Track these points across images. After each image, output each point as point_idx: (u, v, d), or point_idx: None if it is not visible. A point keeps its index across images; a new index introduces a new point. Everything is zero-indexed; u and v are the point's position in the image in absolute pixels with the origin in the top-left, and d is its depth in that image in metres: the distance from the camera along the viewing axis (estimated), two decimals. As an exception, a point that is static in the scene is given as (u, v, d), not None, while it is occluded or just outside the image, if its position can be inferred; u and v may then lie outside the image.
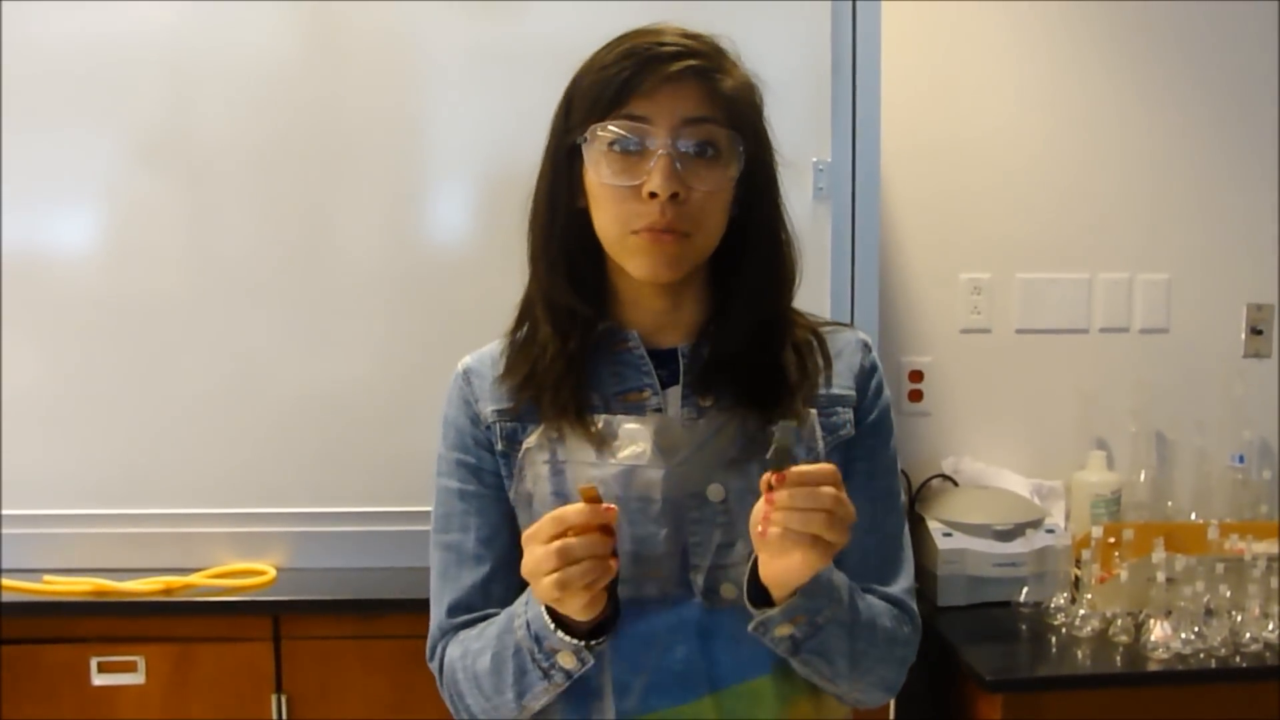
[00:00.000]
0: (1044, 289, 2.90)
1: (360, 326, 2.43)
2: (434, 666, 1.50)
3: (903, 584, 1.49)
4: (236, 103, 2.38)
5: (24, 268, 2.40)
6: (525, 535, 1.29)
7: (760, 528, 1.24)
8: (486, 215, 2.46)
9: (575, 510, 1.25)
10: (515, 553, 1.39)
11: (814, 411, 1.44)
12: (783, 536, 1.22)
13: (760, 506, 1.25)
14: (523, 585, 1.44)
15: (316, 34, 2.39)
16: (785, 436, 1.23)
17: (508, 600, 1.44)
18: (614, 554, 1.27)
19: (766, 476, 1.22)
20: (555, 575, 1.24)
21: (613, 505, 1.27)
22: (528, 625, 1.35)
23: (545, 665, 1.35)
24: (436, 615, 1.49)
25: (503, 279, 2.34)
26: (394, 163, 2.43)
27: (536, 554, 1.26)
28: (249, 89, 2.38)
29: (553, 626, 1.32)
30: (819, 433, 1.44)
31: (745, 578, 1.34)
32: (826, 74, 2.34)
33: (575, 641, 1.32)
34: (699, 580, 1.39)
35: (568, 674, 1.36)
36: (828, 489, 1.21)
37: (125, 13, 2.36)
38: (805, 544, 1.22)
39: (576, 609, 1.28)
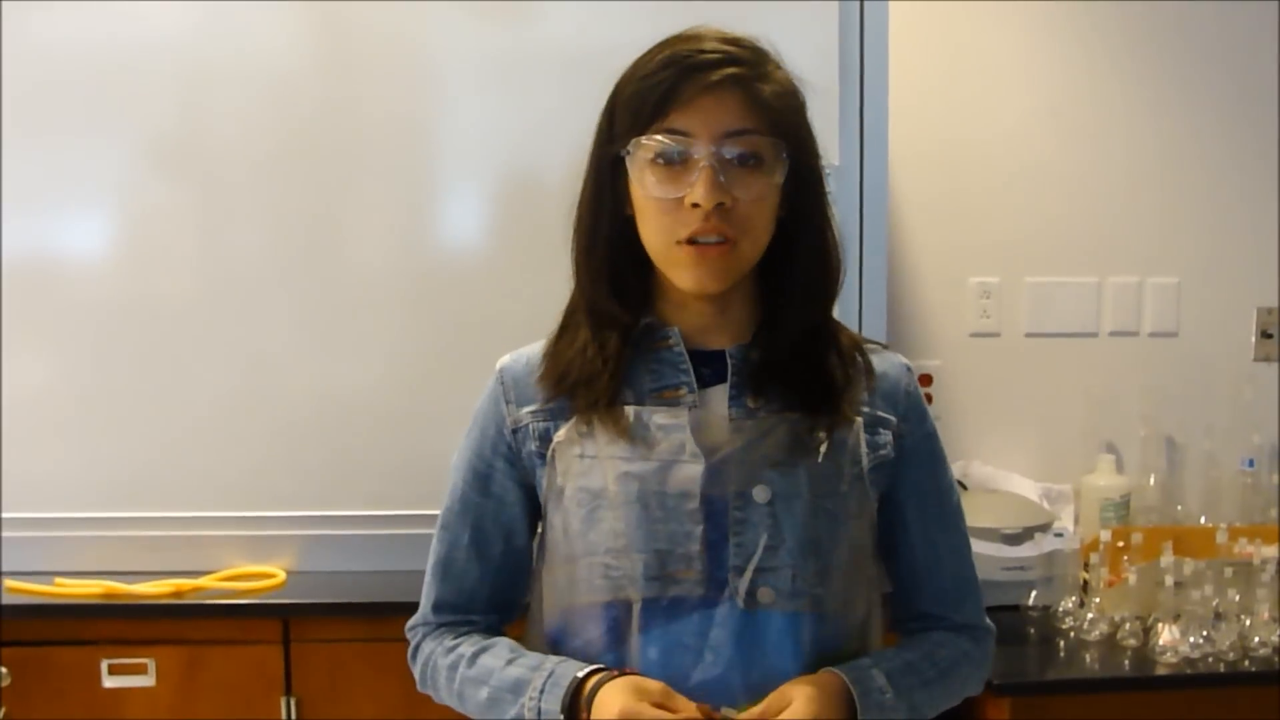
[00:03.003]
0: (1053, 292, 2.90)
1: (371, 331, 2.44)
2: (412, 640, 1.57)
3: (975, 607, 1.56)
4: (248, 108, 2.39)
5: (36, 273, 2.42)
6: (624, 710, 1.31)
7: None
8: (499, 220, 2.46)
9: None
10: (508, 559, 1.51)
11: (859, 420, 1.45)
12: None
13: None
14: (507, 590, 1.53)
15: (328, 39, 2.40)
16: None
17: (491, 603, 1.52)
18: None
19: None
20: None
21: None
22: (540, 714, 1.38)
23: None
24: (424, 604, 1.56)
25: (515, 283, 2.37)
26: (406, 167, 2.43)
27: None
28: (261, 94, 2.39)
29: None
30: (863, 444, 1.44)
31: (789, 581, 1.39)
32: (834, 77, 2.35)
33: None
34: (741, 582, 1.39)
35: None
36: None
37: (136, 18, 2.37)
38: None
39: None
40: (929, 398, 2.82)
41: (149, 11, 2.37)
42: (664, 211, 1.36)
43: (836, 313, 1.57)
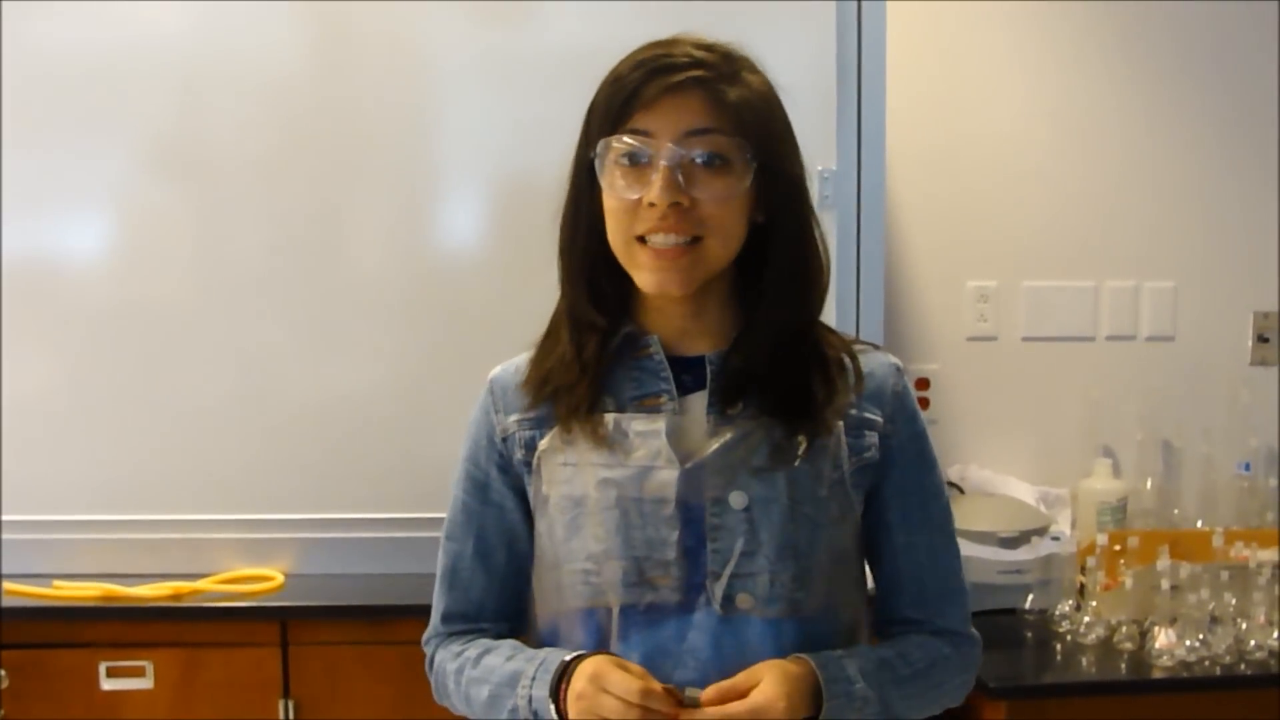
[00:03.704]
0: (1050, 296, 2.90)
1: (368, 333, 2.44)
2: (427, 654, 1.58)
3: (958, 613, 1.52)
4: (245, 109, 2.40)
5: (33, 274, 2.42)
6: (593, 675, 1.33)
7: None
8: (496, 220, 2.47)
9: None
10: (512, 565, 1.52)
11: (841, 424, 1.44)
12: None
13: None
14: (515, 597, 1.53)
15: (326, 39, 2.40)
16: (693, 697, 1.33)
17: (500, 612, 1.53)
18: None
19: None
20: None
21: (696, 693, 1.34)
22: (530, 701, 1.39)
23: None
24: (434, 616, 1.57)
25: (512, 285, 2.36)
26: (402, 168, 2.44)
27: (609, 704, 1.31)
28: (258, 95, 2.39)
29: (553, 713, 1.36)
30: (845, 451, 1.44)
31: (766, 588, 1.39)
32: (832, 80, 2.35)
33: None
34: (717, 588, 1.39)
35: None
36: None
37: (134, 19, 2.37)
38: None
39: None
40: (926, 402, 2.83)
41: (146, 13, 2.37)
42: (624, 212, 1.37)
43: (835, 317, 1.58)
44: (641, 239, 1.37)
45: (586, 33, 2.32)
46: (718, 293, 1.44)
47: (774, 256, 1.42)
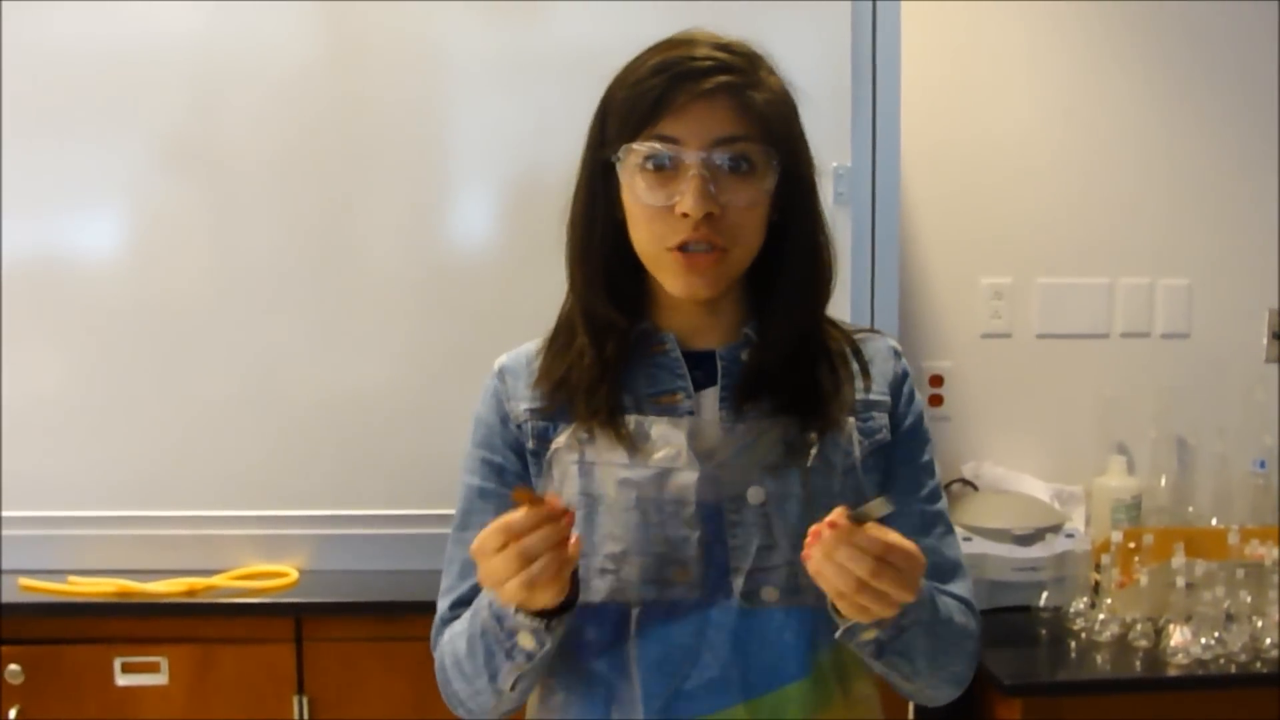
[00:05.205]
0: (1065, 293, 2.90)
1: (382, 329, 2.45)
2: (435, 655, 1.54)
3: (959, 584, 1.50)
4: (259, 107, 2.40)
5: (48, 271, 2.43)
6: (474, 548, 1.30)
7: (806, 550, 1.25)
8: (508, 218, 2.47)
9: (520, 517, 1.26)
10: None
11: (852, 420, 1.45)
12: (818, 575, 1.25)
13: (816, 527, 1.24)
14: None
15: (339, 38, 2.40)
16: (877, 509, 1.23)
17: None
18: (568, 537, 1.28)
19: (840, 512, 1.23)
20: (520, 577, 1.25)
21: (555, 495, 1.29)
22: (489, 605, 1.37)
23: (507, 645, 1.37)
24: (442, 607, 1.53)
25: (525, 281, 2.36)
26: (416, 166, 2.44)
27: (493, 564, 1.27)
28: (271, 93, 2.40)
29: (512, 608, 1.33)
30: (856, 438, 1.45)
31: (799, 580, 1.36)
32: (846, 78, 2.35)
33: (533, 621, 1.34)
34: (739, 583, 1.39)
35: (528, 654, 1.37)
36: (869, 560, 1.21)
37: (148, 17, 2.38)
38: (834, 594, 1.25)
39: (545, 602, 1.29)
40: (939, 399, 2.83)
41: (160, 10, 2.37)
42: (654, 218, 1.37)
43: (849, 314, 1.58)
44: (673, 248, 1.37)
45: (599, 31, 2.32)
46: (733, 290, 1.45)
47: (790, 257, 1.43)
